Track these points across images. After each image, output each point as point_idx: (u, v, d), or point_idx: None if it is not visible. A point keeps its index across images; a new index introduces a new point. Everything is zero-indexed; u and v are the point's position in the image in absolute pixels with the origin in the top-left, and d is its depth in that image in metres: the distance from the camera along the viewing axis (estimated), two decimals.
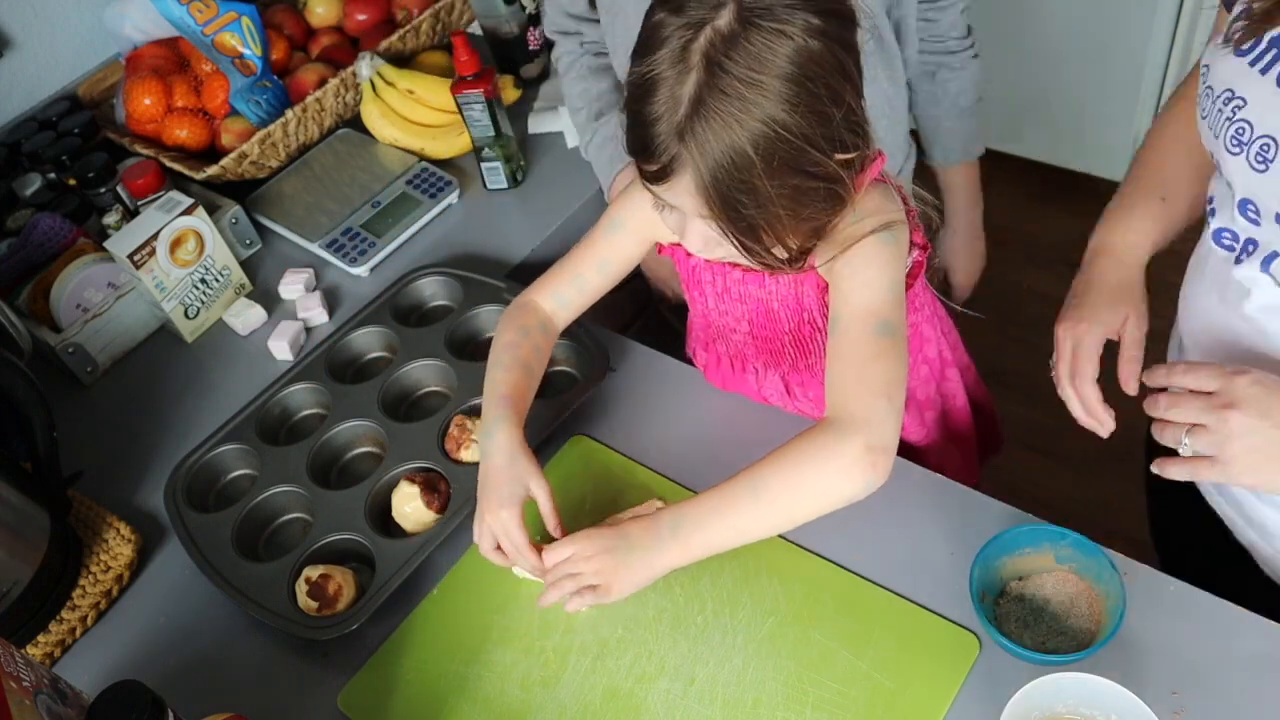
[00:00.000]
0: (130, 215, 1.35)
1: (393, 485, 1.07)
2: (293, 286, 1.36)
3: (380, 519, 1.07)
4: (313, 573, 0.99)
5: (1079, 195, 2.42)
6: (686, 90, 0.77)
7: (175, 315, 1.31)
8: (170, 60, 1.53)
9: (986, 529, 0.91)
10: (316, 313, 1.33)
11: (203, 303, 1.33)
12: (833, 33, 0.78)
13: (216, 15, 1.47)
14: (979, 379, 1.27)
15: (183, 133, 1.48)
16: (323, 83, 1.49)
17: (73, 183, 1.43)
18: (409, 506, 1.04)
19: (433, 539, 1.02)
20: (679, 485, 1.05)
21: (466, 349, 1.23)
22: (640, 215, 0.98)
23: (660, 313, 1.46)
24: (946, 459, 1.22)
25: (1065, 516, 0.92)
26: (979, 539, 0.89)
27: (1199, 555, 1.03)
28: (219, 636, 1.02)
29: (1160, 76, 2.32)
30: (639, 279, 1.41)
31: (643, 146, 0.81)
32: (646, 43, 0.80)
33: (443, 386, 1.20)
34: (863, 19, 0.81)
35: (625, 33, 1.15)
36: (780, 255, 0.85)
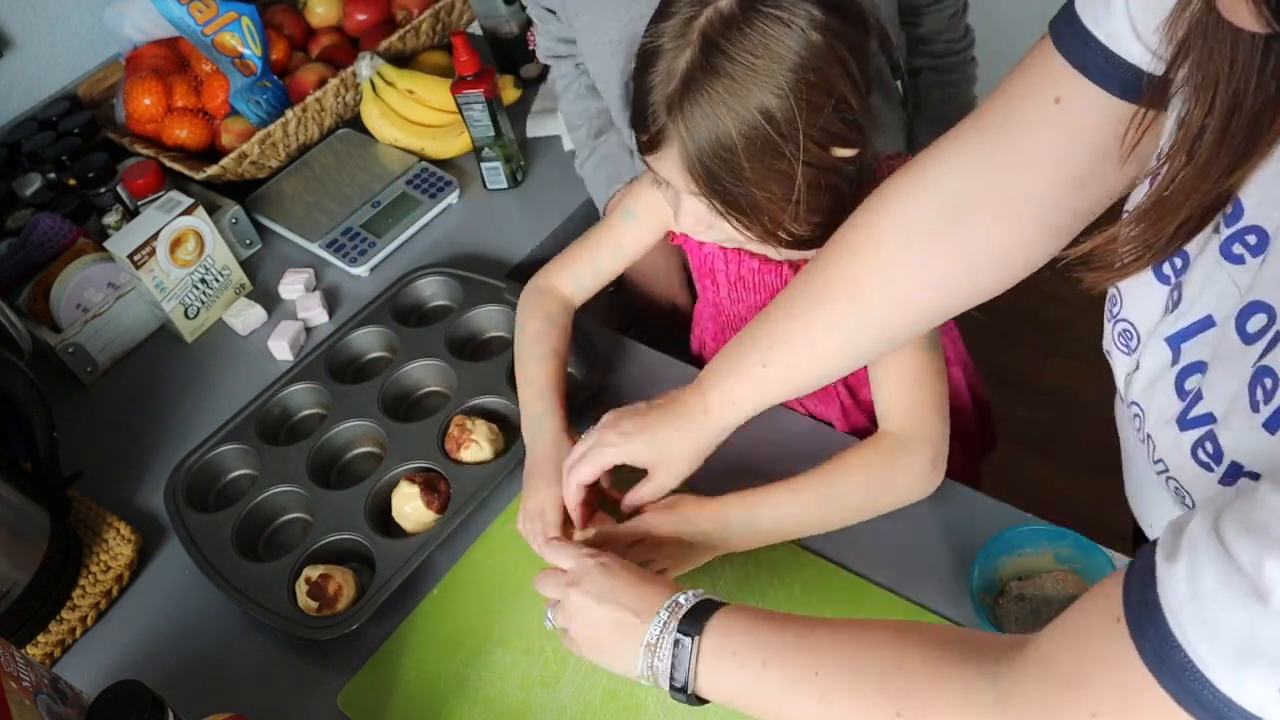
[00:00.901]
0: (130, 215, 1.35)
1: (393, 485, 1.07)
2: (293, 286, 1.35)
3: (380, 519, 1.07)
4: (313, 573, 0.99)
5: None
6: (681, 65, 0.79)
7: (175, 315, 1.31)
8: (170, 60, 1.53)
9: (986, 529, 0.91)
10: (316, 313, 1.32)
11: (203, 303, 1.33)
12: (836, 28, 0.78)
13: (216, 15, 1.47)
14: (978, 377, 1.27)
15: (183, 133, 1.48)
16: (323, 83, 1.49)
17: (73, 183, 1.43)
18: (409, 506, 1.04)
19: (433, 539, 1.02)
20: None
21: (466, 349, 1.23)
22: (652, 203, 1.00)
23: (645, 324, 1.43)
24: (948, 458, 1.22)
25: (1065, 516, 0.91)
26: (979, 539, 0.89)
27: None
28: (219, 636, 1.02)
29: None
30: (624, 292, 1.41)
31: (637, 115, 0.84)
32: (660, 12, 0.82)
33: (443, 386, 1.20)
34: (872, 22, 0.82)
35: (601, 72, 1.18)
36: (785, 238, 0.86)
